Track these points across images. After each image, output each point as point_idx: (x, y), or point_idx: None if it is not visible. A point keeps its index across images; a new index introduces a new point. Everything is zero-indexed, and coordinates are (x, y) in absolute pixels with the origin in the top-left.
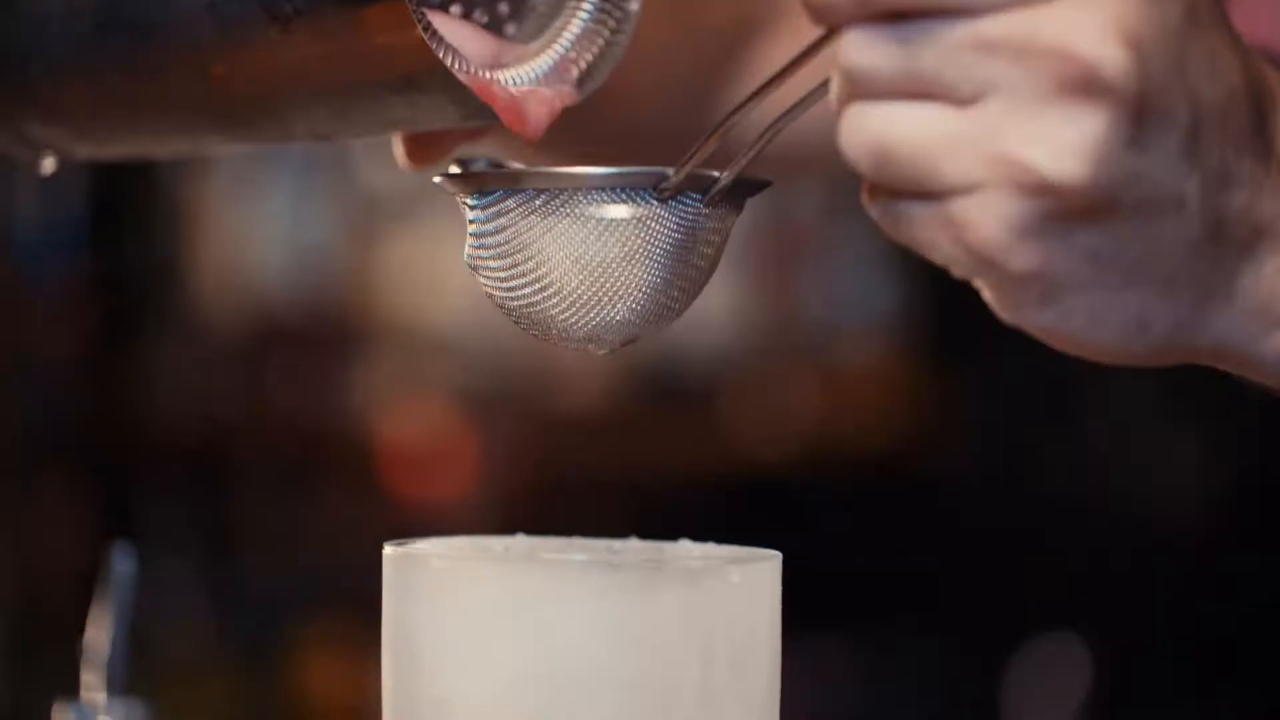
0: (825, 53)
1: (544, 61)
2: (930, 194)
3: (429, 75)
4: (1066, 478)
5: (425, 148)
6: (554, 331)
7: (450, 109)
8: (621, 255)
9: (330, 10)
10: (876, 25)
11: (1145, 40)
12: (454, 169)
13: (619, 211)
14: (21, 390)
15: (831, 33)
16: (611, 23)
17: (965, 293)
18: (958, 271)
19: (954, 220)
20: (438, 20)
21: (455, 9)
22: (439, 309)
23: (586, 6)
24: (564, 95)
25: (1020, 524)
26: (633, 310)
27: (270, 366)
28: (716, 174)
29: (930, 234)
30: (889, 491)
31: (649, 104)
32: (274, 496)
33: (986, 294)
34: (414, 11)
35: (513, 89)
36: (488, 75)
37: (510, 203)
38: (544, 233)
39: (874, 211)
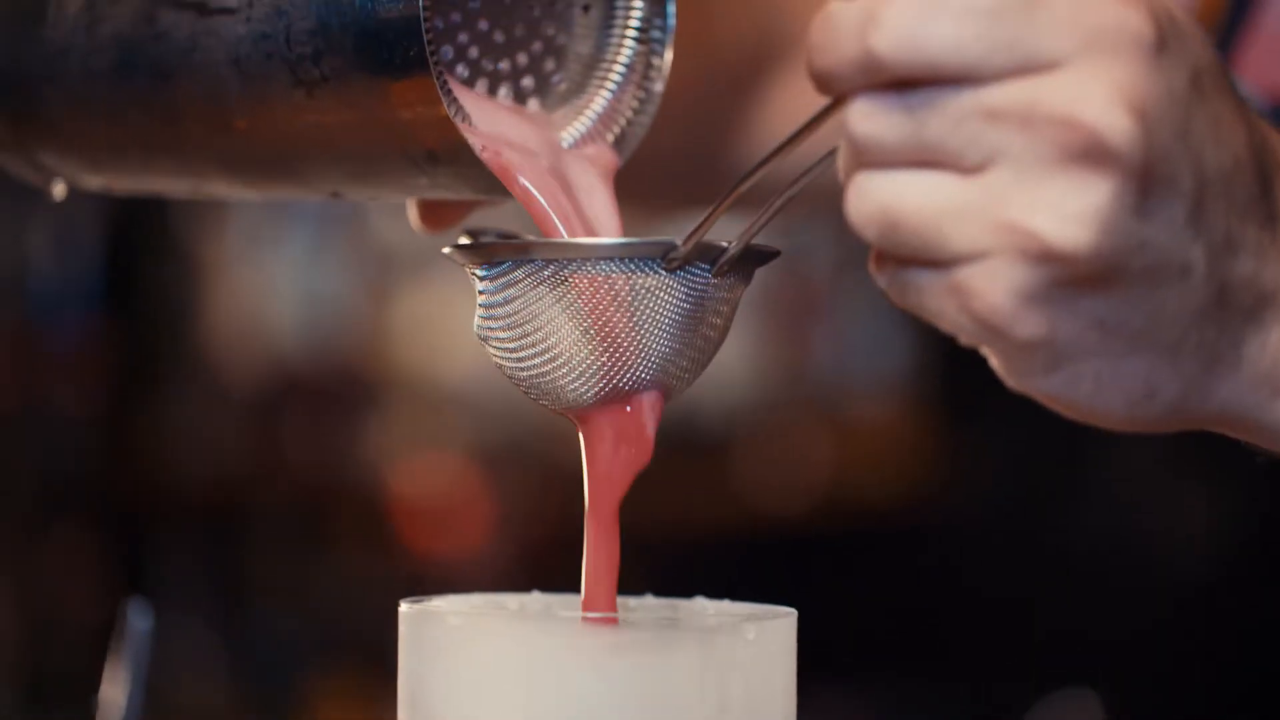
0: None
1: (567, 136)
2: (937, 262)
3: (451, 151)
4: (1078, 532)
5: (439, 211)
6: (564, 402)
7: (469, 184)
8: (630, 325)
9: (357, 80)
10: (882, 94)
11: (1151, 108)
12: (463, 240)
13: (628, 282)
14: (35, 444)
15: (838, 101)
16: (634, 102)
17: (975, 350)
18: (965, 339)
19: (960, 288)
20: (464, 98)
21: (480, 85)
22: (453, 364)
23: (610, 85)
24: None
25: (1032, 578)
26: (642, 380)
27: (285, 421)
28: (725, 244)
29: (937, 302)
30: (902, 545)
31: (663, 130)
32: (288, 550)
33: (994, 361)
34: (440, 90)
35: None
36: (515, 158)
37: (519, 273)
38: (553, 303)
39: (881, 280)
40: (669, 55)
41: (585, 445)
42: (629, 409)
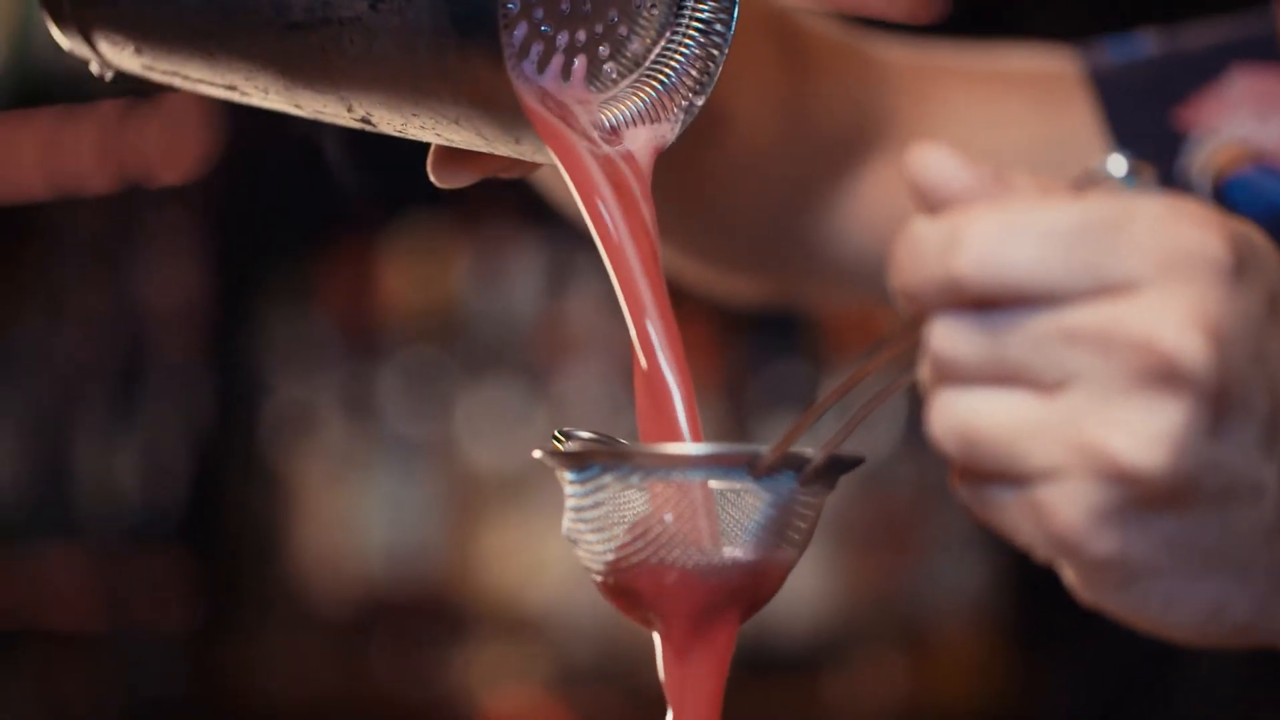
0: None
1: (606, 121)
2: (1015, 478)
3: (500, 100)
4: None
5: (455, 164)
6: (649, 605)
7: (508, 137)
8: (716, 531)
9: (425, 6)
10: (965, 313)
11: (1226, 331)
12: (556, 443)
13: (714, 489)
14: (123, 668)
15: (921, 318)
16: (677, 109)
17: (1051, 573)
18: (1040, 554)
19: (1037, 505)
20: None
21: (536, 49)
22: (539, 590)
23: (658, 84)
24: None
25: None
26: (728, 583)
27: (373, 646)
28: (809, 453)
29: (1014, 517)
30: None
31: (751, 198)
32: None
33: (1068, 576)
34: (503, 34)
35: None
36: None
37: (608, 478)
38: (641, 506)
39: (962, 494)
40: (719, 67)
41: (666, 651)
42: (711, 611)
